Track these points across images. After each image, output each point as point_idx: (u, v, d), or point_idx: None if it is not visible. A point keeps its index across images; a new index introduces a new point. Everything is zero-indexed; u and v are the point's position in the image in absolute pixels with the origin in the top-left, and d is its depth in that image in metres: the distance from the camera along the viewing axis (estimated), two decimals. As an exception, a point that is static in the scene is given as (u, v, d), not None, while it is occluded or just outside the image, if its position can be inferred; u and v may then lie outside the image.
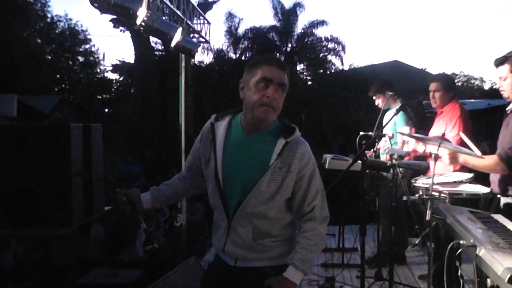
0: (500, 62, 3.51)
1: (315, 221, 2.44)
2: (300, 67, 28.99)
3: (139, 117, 18.64)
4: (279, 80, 2.35)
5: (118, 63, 28.30)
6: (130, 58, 27.09)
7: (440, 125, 4.87)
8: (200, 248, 8.01)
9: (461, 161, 3.69)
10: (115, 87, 32.09)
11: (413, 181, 4.08)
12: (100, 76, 35.33)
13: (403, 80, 21.61)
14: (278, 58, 2.54)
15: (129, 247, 7.51)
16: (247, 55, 26.95)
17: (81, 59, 35.26)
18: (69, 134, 4.47)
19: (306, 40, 28.03)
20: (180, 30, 6.19)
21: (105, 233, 7.90)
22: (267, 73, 2.35)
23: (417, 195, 3.59)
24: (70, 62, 34.78)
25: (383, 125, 5.04)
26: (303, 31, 27.94)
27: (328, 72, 28.10)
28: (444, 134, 4.71)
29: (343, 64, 28.54)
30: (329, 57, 28.21)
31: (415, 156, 5.17)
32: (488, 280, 2.19)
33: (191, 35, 7.68)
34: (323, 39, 27.80)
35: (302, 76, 28.83)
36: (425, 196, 3.19)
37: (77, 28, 34.24)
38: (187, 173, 2.74)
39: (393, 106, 5.64)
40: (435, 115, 5.24)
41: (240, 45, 27.60)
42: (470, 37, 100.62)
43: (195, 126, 15.90)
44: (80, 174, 4.67)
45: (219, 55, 26.18)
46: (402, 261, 5.80)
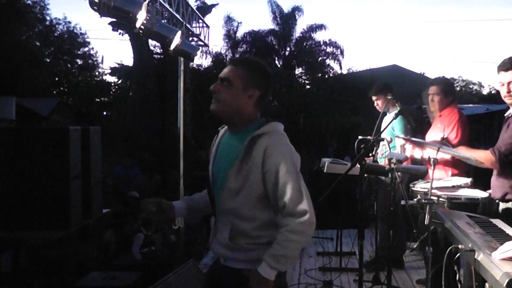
0: (509, 67, 3.45)
1: (290, 217, 2.33)
2: (298, 71, 29.03)
3: (137, 120, 18.61)
4: (222, 75, 2.47)
5: (117, 66, 28.31)
6: (129, 61, 27.10)
7: (438, 129, 4.87)
8: (198, 251, 8.00)
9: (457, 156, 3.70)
10: (113, 90, 32.06)
11: (411, 185, 4.08)
12: (98, 79, 35.35)
13: (401, 84, 21.60)
14: (241, 57, 2.63)
15: (126, 250, 7.50)
16: (246, 59, 26.91)
17: (79, 62, 35.24)
18: (67, 137, 4.48)
19: (304, 44, 28.03)
20: (179, 33, 6.20)
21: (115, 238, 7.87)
22: None
23: (415, 199, 3.60)
24: (69, 65, 34.75)
25: (382, 129, 5.04)
26: (301, 35, 27.96)
27: (327, 76, 28.10)
28: (442, 139, 4.71)
29: (341, 68, 28.58)
30: (328, 61, 28.21)
31: (413, 161, 5.17)
32: (487, 285, 2.19)
33: (190, 38, 7.70)
34: (321, 43, 27.81)
35: (301, 80, 28.83)
36: (423, 200, 3.20)
37: (76, 31, 34.27)
38: None
39: (391, 110, 5.64)
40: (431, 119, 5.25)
41: (239, 48, 27.60)
42: (469, 42, 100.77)
43: (193, 129, 15.90)
44: (79, 177, 4.68)
45: (218, 58, 26.14)
46: (400, 265, 5.80)
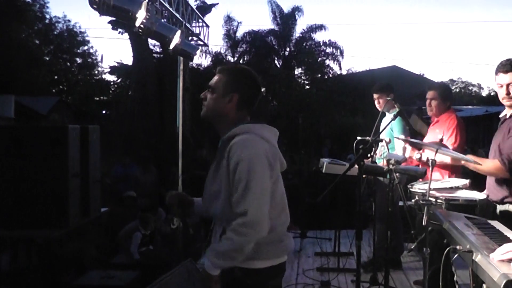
0: (509, 68, 3.42)
1: (236, 216, 2.34)
2: (298, 71, 29.05)
3: (136, 120, 18.57)
4: (209, 83, 2.59)
5: (116, 65, 28.24)
6: (128, 60, 27.04)
7: (436, 134, 4.87)
8: (196, 251, 7.99)
9: (463, 162, 3.69)
10: (112, 89, 32.05)
11: (409, 186, 4.08)
12: (98, 78, 35.34)
13: (401, 85, 21.60)
14: (226, 65, 2.67)
15: (124, 249, 7.49)
16: (245, 59, 26.97)
17: (79, 60, 35.19)
18: (66, 136, 4.48)
19: (304, 45, 28.04)
20: (178, 33, 6.20)
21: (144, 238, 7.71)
22: None
23: (413, 200, 3.60)
24: (68, 64, 34.71)
25: (380, 130, 5.04)
26: (301, 35, 27.97)
27: (326, 77, 28.09)
28: (441, 140, 4.71)
29: (341, 69, 28.58)
30: (327, 61, 28.23)
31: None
32: (484, 286, 2.20)
33: (190, 38, 7.69)
34: (321, 44, 27.83)
35: (300, 80, 28.82)
36: (421, 201, 3.19)
37: (75, 29, 34.21)
38: None
39: (391, 111, 5.64)
40: (430, 120, 5.25)
41: (238, 48, 27.63)
42: (468, 44, 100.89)
43: (192, 129, 15.88)
44: (77, 176, 4.67)
45: (217, 58, 26.14)
46: (398, 266, 5.80)
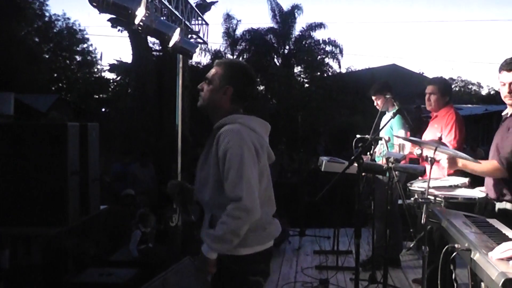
0: None
1: (230, 201, 2.43)
2: (297, 69, 29.05)
3: (135, 117, 18.55)
4: (206, 75, 2.71)
5: (116, 63, 28.24)
6: (128, 58, 27.00)
7: (435, 129, 4.87)
8: (195, 248, 7.99)
9: (460, 166, 3.68)
10: (112, 87, 32.05)
11: (408, 184, 4.08)
12: (97, 75, 35.25)
13: (400, 84, 21.62)
14: (223, 59, 2.73)
15: (123, 246, 7.48)
16: (245, 57, 26.96)
17: (78, 58, 35.09)
18: (66, 133, 4.48)
19: (303, 43, 28.04)
20: (178, 30, 6.18)
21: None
22: None
23: (412, 198, 3.60)
24: (68, 62, 34.62)
25: (380, 128, 5.04)
26: (301, 34, 27.98)
27: (326, 75, 28.11)
28: (440, 138, 4.72)
29: (340, 67, 28.61)
30: (327, 60, 28.27)
31: (410, 159, 5.18)
32: (482, 284, 2.20)
33: (189, 35, 7.67)
34: (320, 42, 27.83)
35: (299, 78, 28.83)
36: (420, 199, 3.19)
37: (75, 27, 34.06)
38: None
39: (390, 109, 5.65)
40: (429, 119, 5.25)
41: (238, 46, 27.63)
42: (468, 42, 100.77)
43: (191, 127, 15.86)
44: (77, 173, 4.68)
45: (217, 56, 26.13)
46: (396, 264, 5.81)
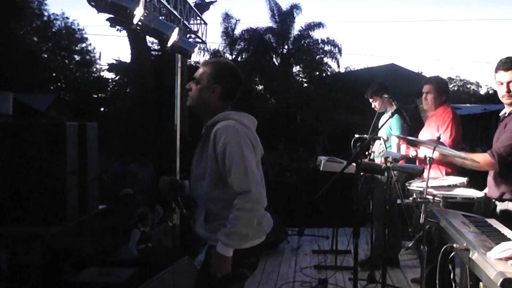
0: (509, 66, 3.40)
1: (238, 195, 2.47)
2: (296, 69, 29.07)
3: (134, 117, 18.56)
4: (194, 75, 2.76)
5: (114, 62, 28.27)
6: (126, 57, 26.99)
7: (432, 128, 4.87)
8: (194, 248, 7.99)
9: (459, 161, 3.69)
10: (111, 86, 32.07)
11: (407, 184, 4.08)
12: (96, 75, 35.29)
13: (399, 83, 21.62)
14: (211, 58, 2.80)
15: (123, 246, 7.49)
16: (243, 56, 26.99)
17: (77, 58, 35.13)
18: (64, 133, 4.48)
19: (302, 42, 28.05)
20: (176, 30, 6.18)
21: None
22: None
23: (411, 198, 3.61)
24: (66, 61, 34.65)
25: (378, 128, 5.04)
26: (299, 33, 27.99)
27: (324, 75, 28.11)
28: (439, 138, 4.71)
29: (339, 66, 28.67)
30: (326, 59, 28.29)
31: (407, 159, 5.18)
32: (481, 284, 2.20)
33: (188, 35, 7.67)
34: (319, 41, 27.85)
35: (298, 78, 28.84)
36: (419, 199, 3.20)
37: (73, 26, 34.14)
38: None
39: (389, 109, 5.63)
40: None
41: (237, 46, 27.64)
42: (467, 42, 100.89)
43: (190, 126, 15.86)
44: (75, 173, 4.67)
45: (215, 56, 26.14)
46: (395, 264, 5.81)
